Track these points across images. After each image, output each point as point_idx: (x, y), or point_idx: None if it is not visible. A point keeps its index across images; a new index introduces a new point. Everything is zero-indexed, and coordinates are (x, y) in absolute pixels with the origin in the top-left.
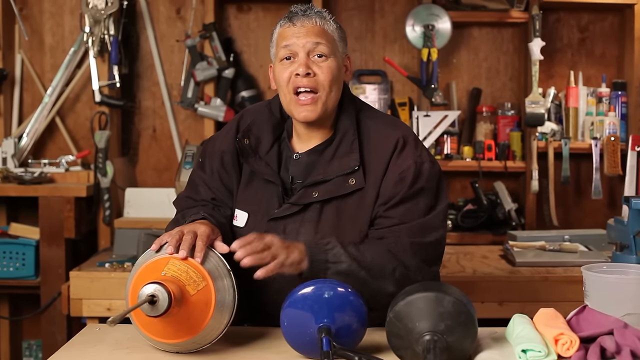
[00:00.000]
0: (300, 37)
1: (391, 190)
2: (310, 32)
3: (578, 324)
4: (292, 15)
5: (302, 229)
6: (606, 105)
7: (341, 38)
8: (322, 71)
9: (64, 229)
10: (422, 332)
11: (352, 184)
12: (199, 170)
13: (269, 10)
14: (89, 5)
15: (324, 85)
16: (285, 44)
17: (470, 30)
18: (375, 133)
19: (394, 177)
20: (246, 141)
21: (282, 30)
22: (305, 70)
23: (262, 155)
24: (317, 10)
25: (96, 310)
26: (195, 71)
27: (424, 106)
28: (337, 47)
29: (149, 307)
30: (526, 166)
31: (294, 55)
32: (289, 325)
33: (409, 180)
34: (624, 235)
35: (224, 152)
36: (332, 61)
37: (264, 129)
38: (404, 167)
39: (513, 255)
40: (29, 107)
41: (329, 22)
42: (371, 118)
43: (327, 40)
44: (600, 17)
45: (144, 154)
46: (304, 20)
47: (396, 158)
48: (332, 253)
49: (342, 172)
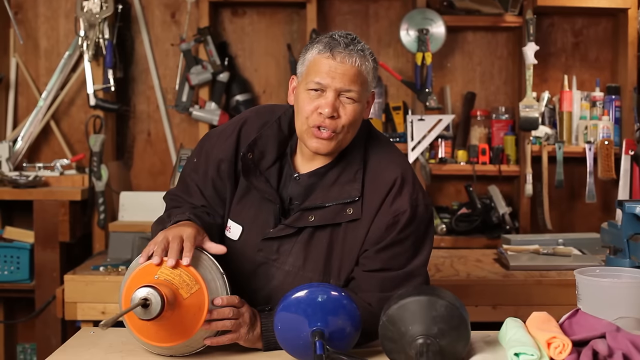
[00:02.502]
0: (335, 78)
1: (383, 231)
2: (346, 74)
3: (571, 327)
4: (334, 45)
5: (294, 250)
6: (600, 109)
7: (374, 77)
8: (346, 113)
9: (58, 233)
10: (415, 336)
11: (349, 213)
12: (193, 172)
13: (264, 14)
14: (84, 9)
15: (344, 127)
16: (319, 80)
17: (464, 35)
18: (376, 166)
19: (387, 219)
20: (250, 155)
21: (319, 58)
22: (331, 113)
23: (262, 170)
24: (359, 47)
25: (90, 314)
26: (190, 75)
27: (418, 110)
28: (368, 89)
29: (142, 310)
30: (520, 170)
31: (323, 90)
32: (282, 329)
33: (402, 223)
34: (618, 239)
35: (222, 161)
36: (358, 105)
37: (270, 145)
38: (399, 210)
39: (507, 259)
40: (24, 111)
41: (368, 62)
42: (375, 149)
43: (361, 83)
44: (594, 22)
45: (138, 158)
46: (345, 57)
47: (392, 198)
48: None
49: (341, 200)
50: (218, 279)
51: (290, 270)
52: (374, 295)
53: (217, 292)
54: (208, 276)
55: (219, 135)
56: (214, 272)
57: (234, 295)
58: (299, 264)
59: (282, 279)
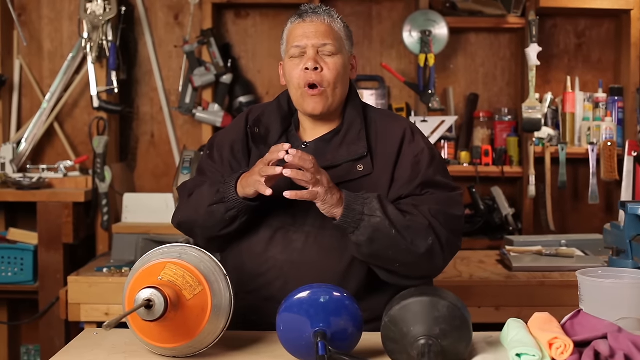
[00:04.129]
0: (310, 38)
1: (410, 172)
2: (319, 31)
3: (572, 328)
4: (301, 12)
5: (311, 212)
6: (603, 110)
7: (347, 37)
8: (329, 67)
9: (62, 234)
10: (417, 337)
11: (360, 170)
12: (209, 159)
13: (267, 16)
14: (88, 11)
15: (329, 81)
16: (297, 44)
17: (467, 36)
18: (381, 123)
19: (409, 160)
20: (256, 129)
21: (292, 28)
22: (314, 65)
23: (271, 144)
24: (325, 9)
25: (94, 315)
26: (193, 77)
27: (422, 112)
28: (344, 45)
29: (146, 311)
30: (523, 171)
31: (303, 52)
32: (285, 330)
33: (426, 161)
34: (621, 240)
35: (234, 141)
36: (339, 58)
37: (273, 119)
38: (418, 150)
39: (510, 260)
40: (28, 113)
41: (337, 21)
42: (375, 111)
43: (335, 38)
44: (596, 23)
45: (142, 160)
46: (313, 17)
47: (408, 144)
48: (369, 207)
49: (350, 158)
50: (221, 280)
51: (311, 232)
52: (429, 208)
53: (220, 294)
54: (211, 277)
55: (228, 127)
56: (217, 274)
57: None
58: (318, 223)
59: (303, 240)
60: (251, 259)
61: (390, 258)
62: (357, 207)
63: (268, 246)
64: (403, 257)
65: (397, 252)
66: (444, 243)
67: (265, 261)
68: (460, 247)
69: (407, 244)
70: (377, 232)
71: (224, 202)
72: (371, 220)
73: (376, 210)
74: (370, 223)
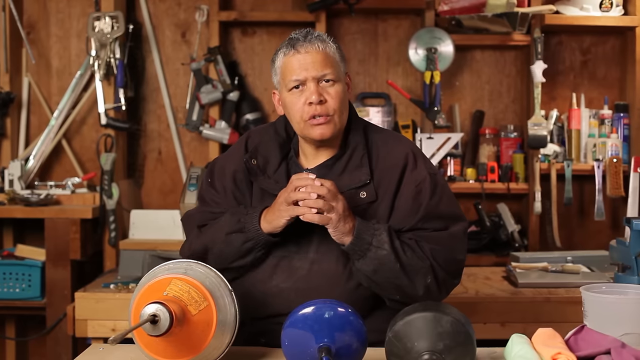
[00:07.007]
0: (309, 70)
1: (411, 203)
2: (316, 61)
3: (576, 343)
4: (294, 42)
5: (314, 239)
6: (608, 127)
7: (341, 58)
8: (332, 97)
9: (69, 251)
10: (421, 352)
11: (363, 197)
12: (211, 188)
13: (274, 33)
14: (96, 29)
15: (335, 109)
16: (295, 77)
17: (472, 53)
18: (384, 148)
19: (410, 190)
20: (254, 161)
21: (286, 60)
22: (318, 98)
23: (270, 174)
24: (317, 35)
25: (101, 331)
26: (200, 94)
27: (427, 128)
28: (340, 70)
29: (151, 326)
30: (529, 188)
31: (303, 84)
32: (289, 345)
33: (427, 190)
34: (626, 256)
35: (236, 171)
36: (339, 85)
37: (271, 148)
38: (419, 179)
39: (515, 277)
40: (36, 130)
41: (329, 45)
42: (377, 132)
43: (332, 65)
44: (602, 40)
45: (149, 176)
46: (307, 46)
47: (410, 172)
48: (378, 238)
49: (353, 185)
50: (226, 296)
51: (315, 258)
52: (431, 248)
53: (226, 310)
54: (216, 293)
55: (227, 154)
56: (222, 289)
57: (332, 181)
58: (322, 249)
59: (307, 267)
60: (256, 287)
61: (390, 289)
62: (367, 237)
63: (272, 275)
64: (401, 292)
65: (397, 286)
66: (441, 282)
67: (270, 289)
68: (458, 284)
69: (407, 282)
70: (381, 265)
71: (243, 232)
72: (378, 252)
73: (384, 243)
74: (377, 255)
